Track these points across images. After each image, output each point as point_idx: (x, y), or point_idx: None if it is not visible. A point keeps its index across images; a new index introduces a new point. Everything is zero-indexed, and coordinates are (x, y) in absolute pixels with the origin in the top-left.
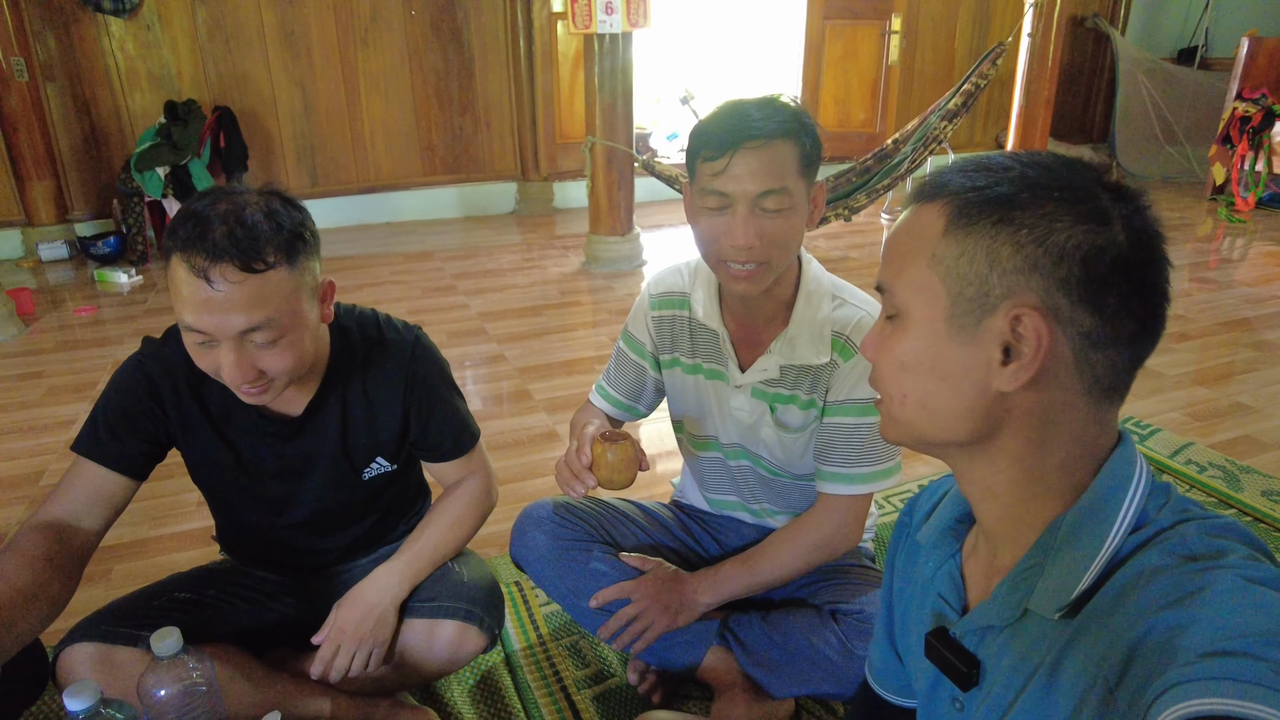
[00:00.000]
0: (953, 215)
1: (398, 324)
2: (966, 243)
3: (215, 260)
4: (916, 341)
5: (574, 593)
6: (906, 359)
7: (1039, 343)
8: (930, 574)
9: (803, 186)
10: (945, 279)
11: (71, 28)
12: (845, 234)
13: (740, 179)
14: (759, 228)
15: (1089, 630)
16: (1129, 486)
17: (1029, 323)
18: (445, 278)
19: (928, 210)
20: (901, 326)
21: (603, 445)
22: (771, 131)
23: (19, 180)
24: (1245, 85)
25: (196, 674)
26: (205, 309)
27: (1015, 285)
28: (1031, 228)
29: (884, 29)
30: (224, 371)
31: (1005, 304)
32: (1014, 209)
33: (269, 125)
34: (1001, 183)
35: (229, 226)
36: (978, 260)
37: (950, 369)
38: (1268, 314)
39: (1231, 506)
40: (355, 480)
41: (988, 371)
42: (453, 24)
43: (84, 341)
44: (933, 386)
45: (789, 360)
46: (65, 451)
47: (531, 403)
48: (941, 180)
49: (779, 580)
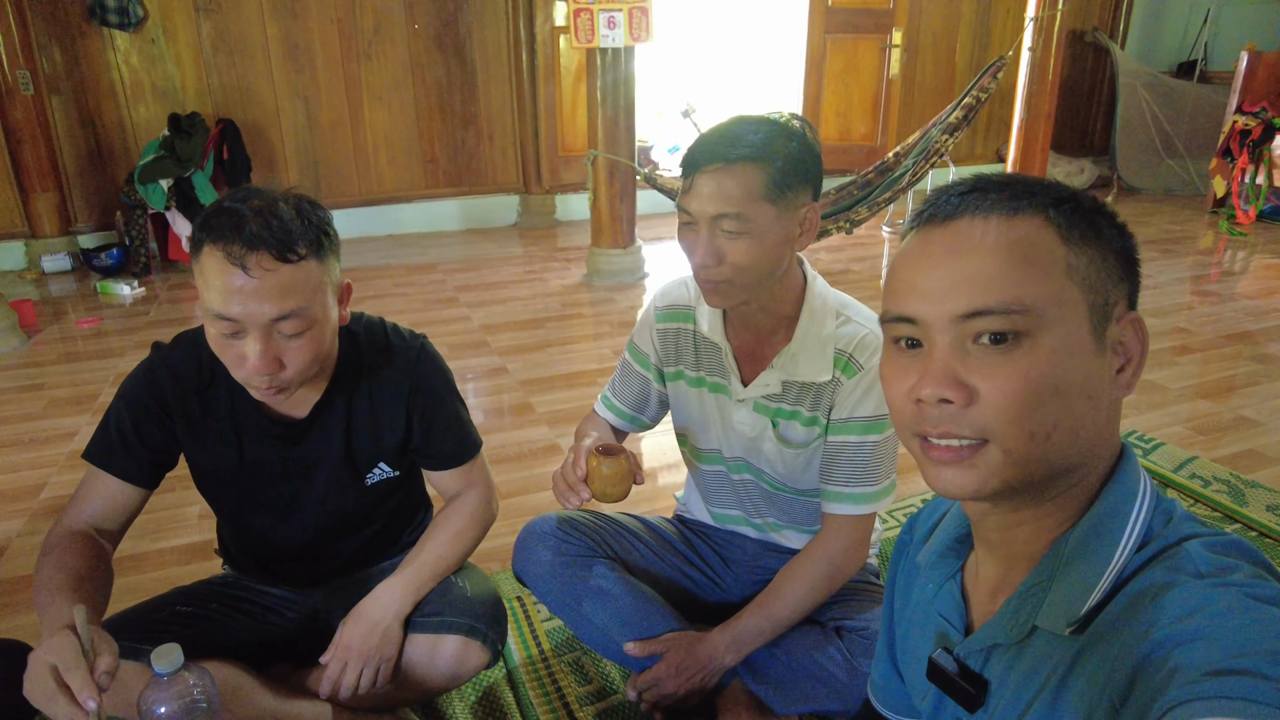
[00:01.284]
0: (1064, 225)
1: (404, 332)
2: (1090, 251)
3: (252, 249)
4: (1070, 360)
5: (577, 608)
6: (1061, 382)
7: (1144, 344)
8: (931, 594)
9: (768, 211)
10: (1084, 289)
11: (77, 41)
12: (847, 246)
13: (700, 199)
14: (718, 248)
15: (1094, 647)
16: (1134, 502)
17: (1137, 327)
18: (447, 290)
19: (1027, 221)
20: (1037, 346)
21: (598, 458)
22: (736, 156)
23: (23, 192)
24: (1245, 99)
25: (197, 690)
26: (239, 296)
27: (1117, 291)
28: (1110, 237)
29: (885, 43)
30: (248, 363)
31: (1117, 310)
32: (1099, 216)
33: (272, 138)
34: (1074, 195)
35: (264, 219)
36: (1101, 268)
37: (1096, 385)
38: (1270, 327)
39: (1237, 521)
40: (359, 485)
41: (1113, 382)
42: (455, 38)
43: (86, 354)
44: (1084, 408)
45: (791, 376)
46: (66, 464)
47: (533, 415)
48: (1015, 193)
49: (798, 618)
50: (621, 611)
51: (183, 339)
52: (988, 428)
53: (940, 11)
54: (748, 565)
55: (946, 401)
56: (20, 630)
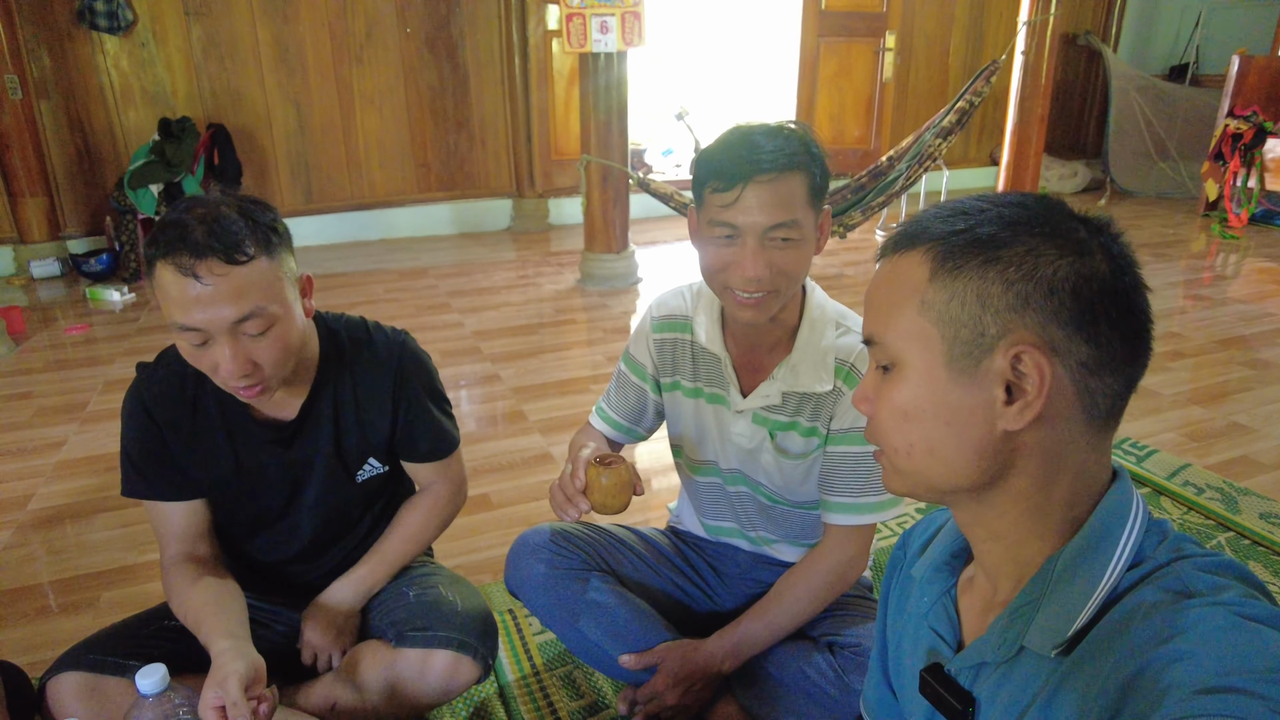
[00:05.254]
0: (937, 260)
1: (386, 329)
2: (955, 286)
3: (200, 257)
4: (918, 389)
5: (569, 622)
6: (909, 408)
7: (1042, 378)
8: (925, 609)
9: (811, 216)
10: (938, 324)
11: (66, 45)
12: (840, 251)
13: (750, 211)
14: (768, 259)
15: (1084, 666)
16: (1125, 522)
17: (1029, 359)
18: (440, 295)
19: (908, 259)
20: (898, 376)
21: (597, 470)
22: (783, 165)
23: (11, 197)
24: (1236, 102)
25: (184, 710)
26: (197, 305)
27: (1010, 323)
28: (1019, 264)
29: (878, 46)
30: (222, 368)
31: (1003, 343)
32: (999, 248)
33: (263, 142)
34: (982, 224)
35: (207, 226)
36: (969, 302)
37: (955, 413)
38: (1262, 331)
39: (1230, 529)
40: (349, 483)
41: (992, 412)
42: (448, 41)
43: (75, 361)
44: (939, 433)
45: (791, 387)
46: (54, 474)
47: (526, 424)
48: (918, 228)
49: (796, 625)
50: (615, 625)
51: (166, 355)
52: (877, 440)
53: (933, 15)
54: (741, 578)
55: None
56: (9, 645)
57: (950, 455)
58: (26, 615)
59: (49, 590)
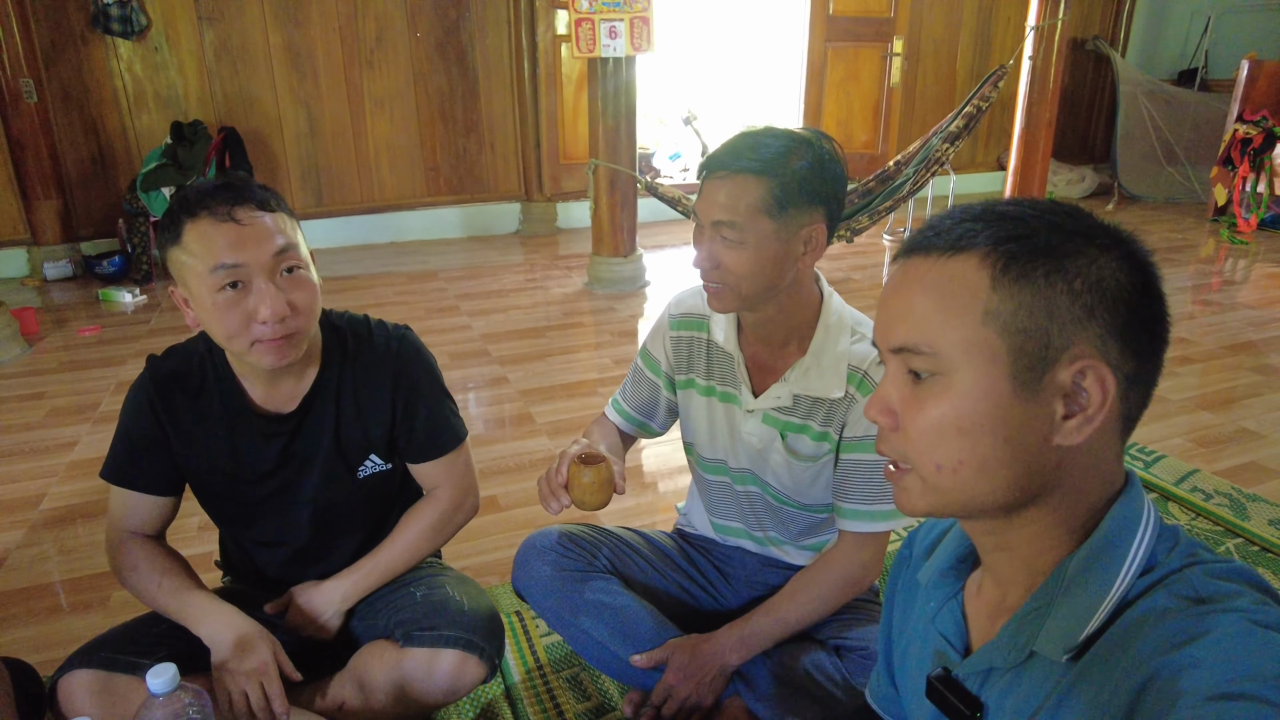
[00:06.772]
0: (998, 268)
1: (387, 325)
2: (1022, 295)
3: (237, 203)
4: (977, 403)
5: (575, 623)
6: (965, 423)
7: (1104, 391)
8: (932, 613)
9: (767, 225)
10: (1004, 334)
11: (80, 49)
12: (847, 255)
13: (705, 204)
14: (716, 253)
15: (1094, 672)
16: (1137, 528)
17: (1094, 374)
18: (449, 298)
19: (961, 263)
20: (945, 387)
21: (579, 467)
22: (739, 167)
23: (25, 199)
24: (1246, 107)
25: (193, 710)
26: (239, 243)
27: (1074, 336)
28: (1085, 275)
29: (886, 51)
30: (262, 309)
31: (1066, 355)
32: (1063, 257)
33: (274, 146)
34: (1038, 231)
35: (231, 185)
36: (1037, 313)
37: (1015, 429)
38: (1271, 336)
39: (1238, 535)
40: (350, 479)
41: (1049, 427)
42: (458, 46)
43: (87, 362)
44: (997, 450)
45: (803, 390)
46: (67, 475)
47: (534, 426)
48: (967, 230)
49: (806, 624)
50: (621, 626)
51: (175, 349)
52: (906, 455)
53: (941, 20)
54: (747, 581)
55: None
56: (20, 644)
57: (1001, 472)
58: (37, 614)
59: (60, 589)
